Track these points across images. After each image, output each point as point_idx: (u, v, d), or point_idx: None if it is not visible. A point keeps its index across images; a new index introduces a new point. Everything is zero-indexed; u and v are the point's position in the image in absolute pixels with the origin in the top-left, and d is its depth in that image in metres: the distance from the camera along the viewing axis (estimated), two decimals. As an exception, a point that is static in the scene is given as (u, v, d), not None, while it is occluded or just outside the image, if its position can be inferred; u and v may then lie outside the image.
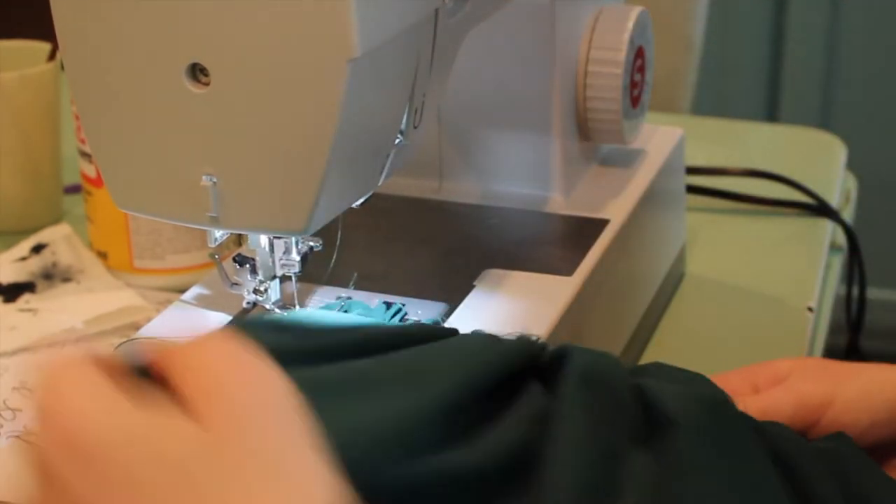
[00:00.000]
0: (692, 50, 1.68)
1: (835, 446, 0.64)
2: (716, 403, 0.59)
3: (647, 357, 0.92)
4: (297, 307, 0.74)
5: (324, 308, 0.74)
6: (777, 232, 1.12)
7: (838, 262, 1.13)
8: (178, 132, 0.63)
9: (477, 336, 0.60)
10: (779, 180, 1.16)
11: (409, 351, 0.57)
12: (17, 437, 0.83)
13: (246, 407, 0.46)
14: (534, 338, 0.65)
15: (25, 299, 0.99)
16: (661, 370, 0.65)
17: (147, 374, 0.49)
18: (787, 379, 0.71)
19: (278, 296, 0.74)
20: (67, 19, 0.63)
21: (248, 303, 0.73)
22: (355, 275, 0.76)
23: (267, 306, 0.73)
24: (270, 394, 0.47)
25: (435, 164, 0.90)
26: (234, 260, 0.73)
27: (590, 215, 0.86)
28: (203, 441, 0.45)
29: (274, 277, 0.73)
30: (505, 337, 0.65)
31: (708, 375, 0.70)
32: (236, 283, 0.73)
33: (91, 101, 0.65)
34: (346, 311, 0.72)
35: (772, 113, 2.25)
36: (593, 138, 0.90)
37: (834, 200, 1.17)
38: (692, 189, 1.12)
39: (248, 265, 0.72)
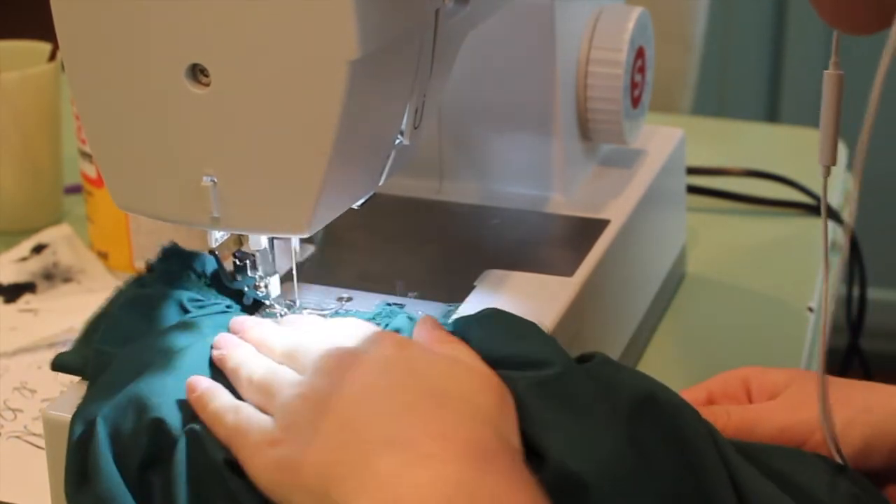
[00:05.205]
0: (692, 50, 1.68)
1: None
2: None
3: (648, 357, 0.92)
4: (297, 303, 0.74)
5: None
6: (777, 232, 1.12)
7: (838, 262, 1.13)
8: (179, 133, 0.63)
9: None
10: (779, 180, 1.16)
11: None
12: (18, 437, 0.83)
13: None
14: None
15: (26, 300, 0.99)
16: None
17: None
18: (779, 394, 0.71)
19: (278, 292, 0.74)
20: (67, 19, 0.63)
21: (247, 298, 0.74)
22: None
23: (267, 302, 0.74)
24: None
25: (435, 164, 0.90)
26: (235, 256, 0.73)
27: (590, 215, 0.86)
28: None
29: (274, 274, 0.73)
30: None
31: (707, 377, 0.72)
32: (236, 280, 0.73)
33: (91, 102, 0.65)
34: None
35: (772, 113, 2.24)
36: (594, 138, 0.90)
37: (834, 200, 1.18)
38: (692, 189, 1.12)
39: (248, 261, 0.72)
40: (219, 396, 0.63)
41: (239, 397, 0.64)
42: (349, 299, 0.75)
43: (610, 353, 0.83)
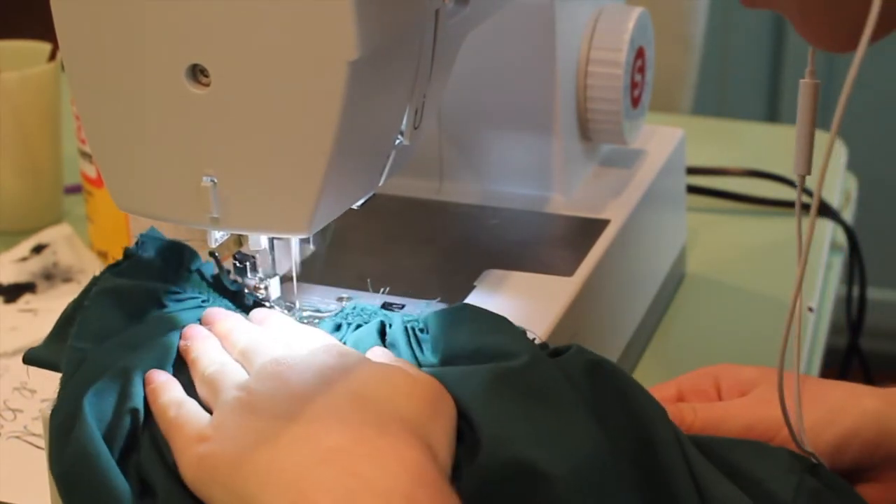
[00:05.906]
0: (692, 50, 1.68)
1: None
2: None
3: (648, 357, 0.92)
4: (297, 304, 0.74)
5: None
6: (777, 232, 1.12)
7: (838, 262, 1.13)
8: (179, 133, 0.63)
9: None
10: (779, 180, 1.16)
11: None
12: (18, 437, 0.83)
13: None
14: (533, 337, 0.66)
15: (26, 300, 0.99)
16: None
17: None
18: (749, 391, 0.71)
19: (279, 293, 0.74)
20: (67, 19, 0.63)
21: (248, 299, 0.73)
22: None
23: (267, 304, 0.74)
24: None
25: (435, 164, 0.90)
26: (235, 258, 0.73)
27: (590, 215, 0.86)
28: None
29: (274, 275, 0.73)
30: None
31: (680, 373, 0.73)
32: (236, 281, 0.73)
33: (91, 102, 0.65)
34: None
35: (772, 113, 2.25)
36: (594, 138, 0.90)
37: (834, 200, 1.18)
38: (692, 189, 1.12)
39: (248, 263, 0.72)
40: (169, 391, 0.64)
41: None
42: (349, 299, 0.75)
43: (609, 353, 0.83)
